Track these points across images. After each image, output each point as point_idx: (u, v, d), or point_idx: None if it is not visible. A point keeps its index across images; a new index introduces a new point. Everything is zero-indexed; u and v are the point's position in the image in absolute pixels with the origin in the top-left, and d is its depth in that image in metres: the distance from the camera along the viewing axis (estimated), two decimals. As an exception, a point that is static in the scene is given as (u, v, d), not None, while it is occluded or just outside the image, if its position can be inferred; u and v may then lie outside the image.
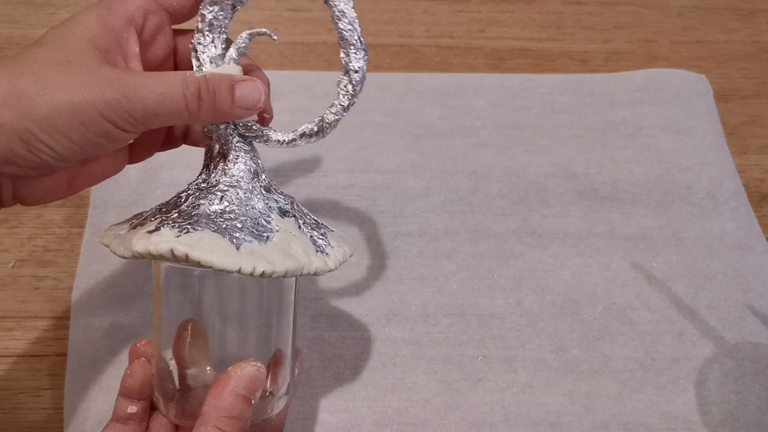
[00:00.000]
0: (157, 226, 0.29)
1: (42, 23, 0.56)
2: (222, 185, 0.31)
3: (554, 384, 0.43)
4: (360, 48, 0.32)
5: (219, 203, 0.30)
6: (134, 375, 0.32)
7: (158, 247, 0.28)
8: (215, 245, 0.28)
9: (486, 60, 0.58)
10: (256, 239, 0.29)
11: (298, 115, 0.52)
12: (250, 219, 0.30)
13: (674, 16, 0.61)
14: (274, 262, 0.29)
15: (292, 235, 0.31)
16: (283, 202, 0.32)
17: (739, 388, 0.43)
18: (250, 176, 0.32)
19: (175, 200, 0.31)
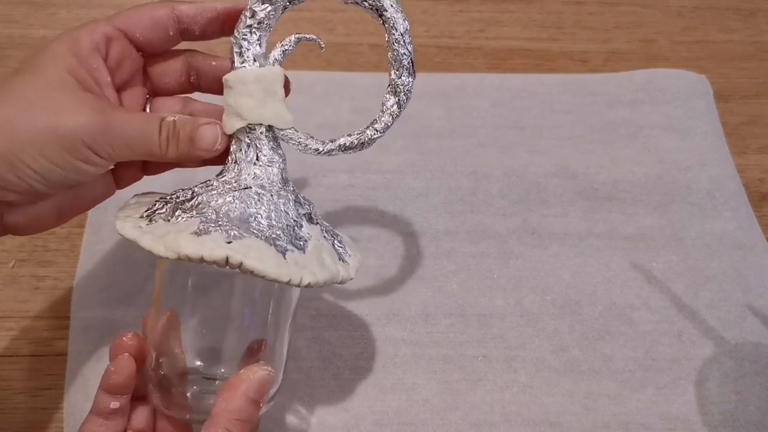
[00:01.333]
0: (200, 228, 0.29)
1: (42, 23, 0.56)
2: (255, 188, 0.31)
3: (554, 384, 0.43)
4: (411, 72, 0.32)
5: (256, 206, 0.30)
6: (119, 371, 0.32)
7: (213, 253, 0.27)
8: (264, 254, 0.28)
9: (486, 60, 0.58)
10: (296, 248, 0.29)
11: (299, 115, 0.52)
12: (286, 226, 0.30)
13: (674, 16, 0.61)
14: (316, 273, 0.29)
15: (320, 243, 0.31)
16: (307, 208, 0.32)
17: (739, 388, 0.43)
18: (282, 182, 0.32)
19: (204, 198, 0.30)
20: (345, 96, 0.53)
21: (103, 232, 0.46)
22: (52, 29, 0.56)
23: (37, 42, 0.55)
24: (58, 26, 0.56)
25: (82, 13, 0.57)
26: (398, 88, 0.32)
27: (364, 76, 0.55)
